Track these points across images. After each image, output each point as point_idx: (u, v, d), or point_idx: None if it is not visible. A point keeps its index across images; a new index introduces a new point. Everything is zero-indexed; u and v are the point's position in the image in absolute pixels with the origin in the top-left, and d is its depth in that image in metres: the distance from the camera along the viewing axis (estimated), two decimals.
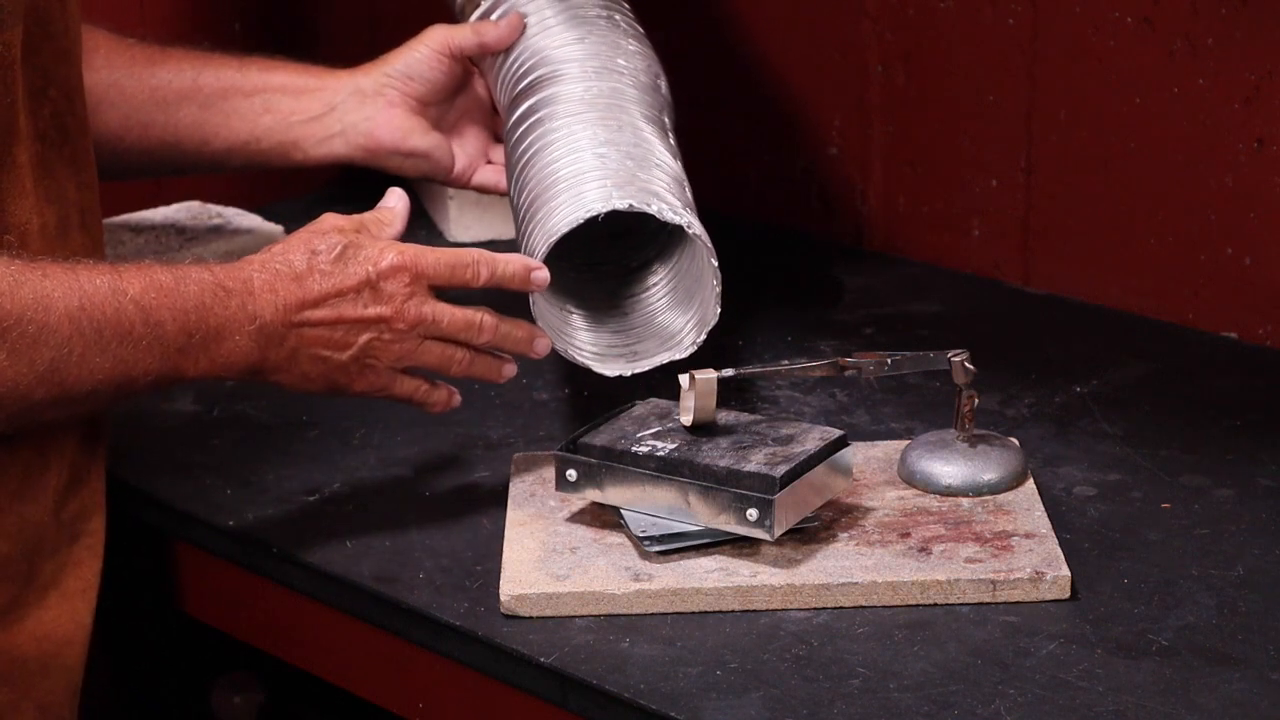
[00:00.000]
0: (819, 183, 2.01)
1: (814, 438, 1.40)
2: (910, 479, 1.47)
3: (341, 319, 1.38)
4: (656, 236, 1.60)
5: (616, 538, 1.41)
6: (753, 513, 1.35)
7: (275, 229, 1.87)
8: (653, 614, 1.34)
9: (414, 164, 1.67)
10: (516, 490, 1.48)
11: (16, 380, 1.27)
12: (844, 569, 1.36)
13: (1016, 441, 1.50)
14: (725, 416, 1.43)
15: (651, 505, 1.39)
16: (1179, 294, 1.78)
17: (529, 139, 1.55)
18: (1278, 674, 1.26)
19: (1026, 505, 1.43)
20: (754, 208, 2.05)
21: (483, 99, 1.70)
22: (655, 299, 1.58)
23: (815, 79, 1.97)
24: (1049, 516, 1.42)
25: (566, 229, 1.44)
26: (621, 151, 1.50)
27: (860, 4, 1.92)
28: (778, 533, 1.35)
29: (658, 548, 1.38)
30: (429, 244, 1.44)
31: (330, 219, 1.42)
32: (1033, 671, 1.27)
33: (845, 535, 1.40)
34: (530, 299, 1.46)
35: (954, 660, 1.28)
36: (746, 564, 1.37)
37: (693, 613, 1.34)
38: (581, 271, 1.59)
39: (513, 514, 1.45)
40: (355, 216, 1.43)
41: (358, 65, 1.68)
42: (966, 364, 1.45)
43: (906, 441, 1.50)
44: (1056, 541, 1.38)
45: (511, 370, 1.45)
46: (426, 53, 1.66)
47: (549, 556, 1.38)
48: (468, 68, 1.69)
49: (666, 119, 1.60)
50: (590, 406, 1.60)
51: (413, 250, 1.40)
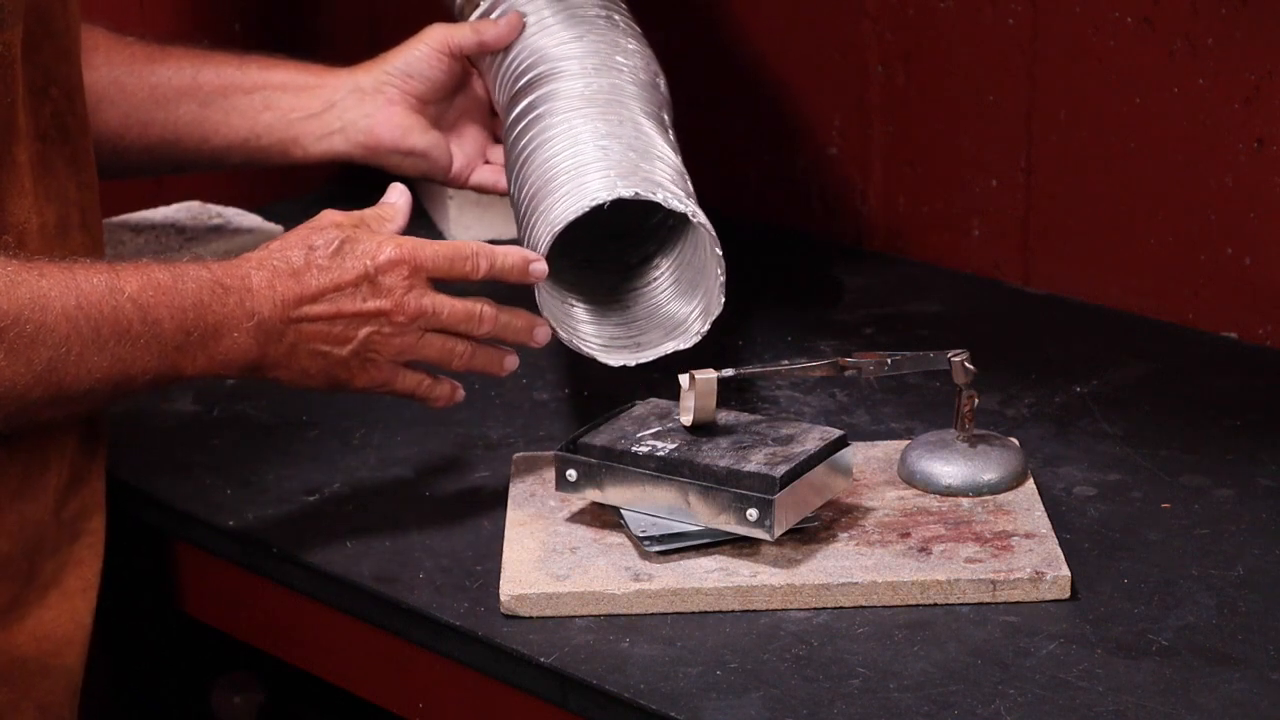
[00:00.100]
0: (819, 183, 2.01)
1: (814, 438, 1.40)
2: (910, 479, 1.47)
3: (340, 314, 1.37)
4: (656, 233, 1.60)
5: (616, 538, 1.41)
6: (753, 513, 1.35)
7: (275, 229, 1.87)
8: (653, 614, 1.34)
9: (412, 163, 1.67)
10: (516, 490, 1.48)
11: (13, 380, 1.27)
12: (844, 569, 1.36)
13: (1016, 441, 1.49)
14: (725, 416, 1.43)
15: (651, 505, 1.38)
16: (1179, 294, 1.78)
17: (529, 135, 1.55)
18: (1278, 674, 1.26)
19: (1026, 505, 1.43)
20: (754, 208, 2.05)
21: (481, 99, 1.70)
22: (659, 290, 1.57)
23: (815, 79, 1.97)
24: (1049, 516, 1.42)
25: (572, 217, 1.44)
26: (623, 144, 1.50)
27: (860, 4, 1.92)
28: (778, 533, 1.35)
29: (658, 548, 1.38)
30: None
31: (329, 215, 1.41)
32: (1033, 671, 1.27)
33: (845, 535, 1.40)
34: (535, 292, 1.46)
35: (954, 660, 1.28)
36: (746, 564, 1.37)
37: (693, 613, 1.34)
38: (582, 268, 1.58)
39: (513, 514, 1.45)
40: (355, 212, 1.42)
41: (357, 64, 1.68)
42: (966, 364, 1.45)
43: (906, 441, 1.50)
44: (1056, 541, 1.38)
45: (513, 362, 1.45)
46: (426, 51, 1.66)
47: (549, 556, 1.38)
48: (467, 67, 1.69)
49: (665, 116, 1.60)
50: (590, 406, 1.60)
51: (411, 243, 1.39)
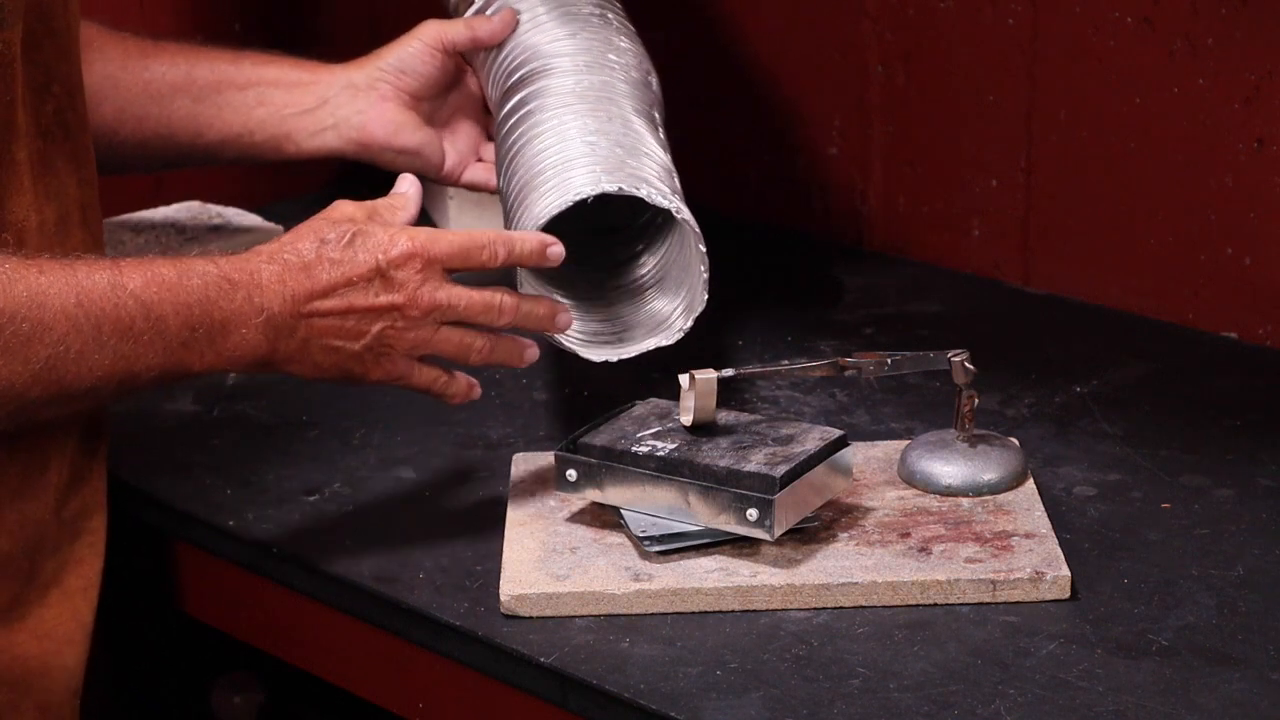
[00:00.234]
0: (819, 183, 2.01)
1: (814, 438, 1.40)
2: (910, 479, 1.47)
3: (352, 308, 1.35)
4: (644, 231, 1.60)
5: (616, 538, 1.40)
6: (753, 513, 1.35)
7: (275, 229, 1.87)
8: (653, 614, 1.34)
9: (405, 160, 1.66)
10: (516, 490, 1.48)
11: (11, 379, 1.26)
12: (844, 569, 1.36)
13: (1016, 441, 1.49)
14: (725, 416, 1.43)
15: (651, 505, 1.38)
16: (1179, 294, 1.78)
17: (518, 131, 1.55)
18: (1278, 674, 1.26)
19: (1026, 505, 1.43)
20: (754, 208, 2.05)
21: (475, 96, 1.70)
22: (644, 287, 1.57)
23: (815, 79, 1.97)
24: (1049, 516, 1.42)
25: (555, 212, 1.44)
26: (611, 140, 1.50)
27: (860, 4, 1.92)
28: (778, 533, 1.35)
29: (658, 548, 1.38)
30: None
31: (341, 206, 1.40)
32: (1033, 671, 1.27)
33: (845, 535, 1.40)
34: (519, 287, 1.45)
35: (954, 660, 1.28)
36: (746, 564, 1.37)
37: (693, 613, 1.34)
38: (568, 265, 1.58)
39: (513, 514, 1.45)
40: (368, 202, 1.40)
41: (351, 61, 1.68)
42: (966, 364, 1.45)
43: (906, 441, 1.50)
44: (1056, 541, 1.38)
45: (534, 354, 1.43)
46: (419, 47, 1.66)
47: (549, 556, 1.38)
48: (461, 64, 1.68)
49: (657, 114, 1.60)
50: (590, 406, 1.60)
51: (425, 235, 1.37)
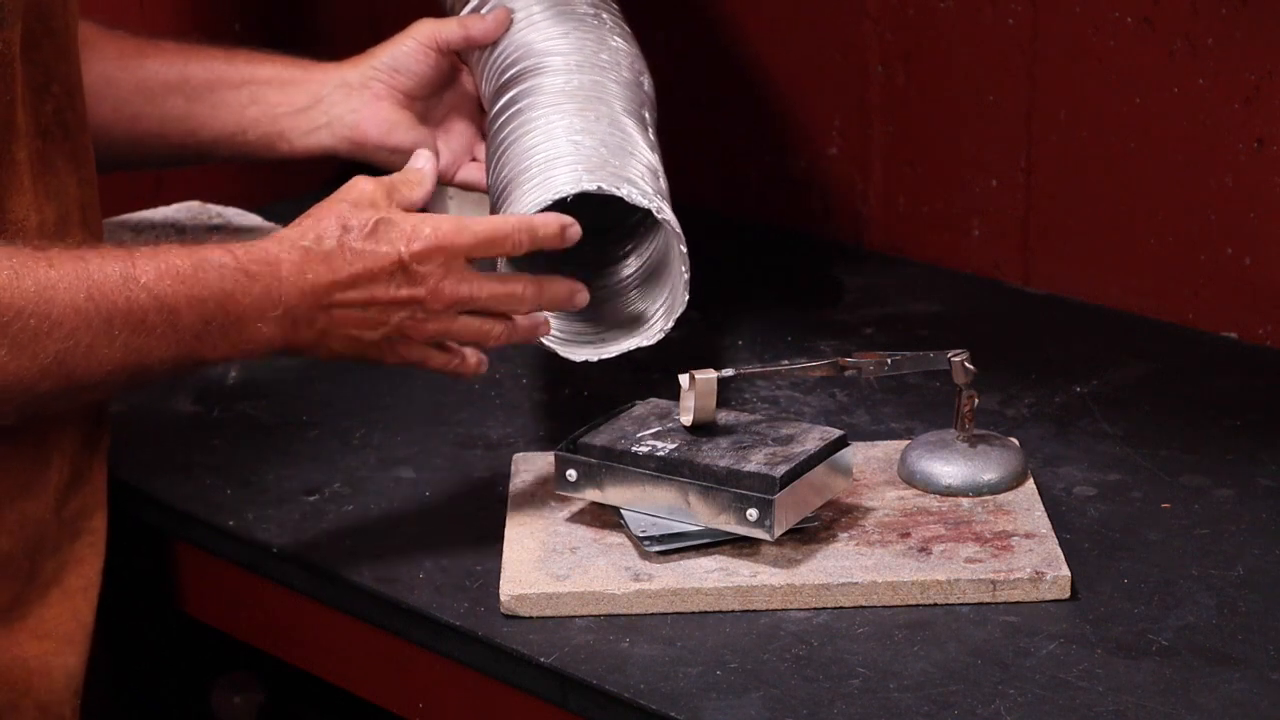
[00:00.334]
0: (819, 183, 2.00)
1: (814, 438, 1.40)
2: (910, 479, 1.47)
3: (373, 300, 1.34)
4: (632, 233, 1.60)
5: (616, 538, 1.40)
6: (753, 513, 1.35)
7: (275, 229, 1.86)
8: (653, 614, 1.34)
9: (399, 158, 1.65)
10: (516, 490, 1.48)
11: (19, 373, 1.26)
12: (844, 569, 1.36)
13: (1016, 441, 1.49)
14: (725, 416, 1.43)
15: (651, 505, 1.38)
16: (1179, 294, 1.78)
17: (507, 129, 1.55)
18: (1278, 674, 1.26)
19: (1026, 505, 1.43)
20: (754, 208, 2.05)
21: (470, 95, 1.69)
22: (626, 288, 1.57)
23: (815, 79, 1.97)
24: (1049, 516, 1.42)
25: (535, 210, 1.43)
26: (596, 139, 1.50)
27: (860, 4, 1.91)
28: (778, 533, 1.35)
29: (658, 548, 1.38)
30: None
31: (360, 184, 1.38)
32: (1033, 671, 1.27)
33: (845, 535, 1.40)
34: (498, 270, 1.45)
35: (954, 660, 1.28)
36: (746, 564, 1.37)
37: (693, 613, 1.34)
38: (552, 265, 1.58)
39: (513, 514, 1.45)
40: (385, 179, 1.39)
41: (345, 59, 1.68)
42: (966, 364, 1.45)
43: (906, 441, 1.50)
44: (1056, 541, 1.38)
45: (547, 328, 1.43)
46: (413, 46, 1.65)
47: (549, 556, 1.38)
48: (455, 63, 1.68)
49: (647, 114, 1.60)
50: (590, 406, 1.59)
51: (449, 226, 1.36)
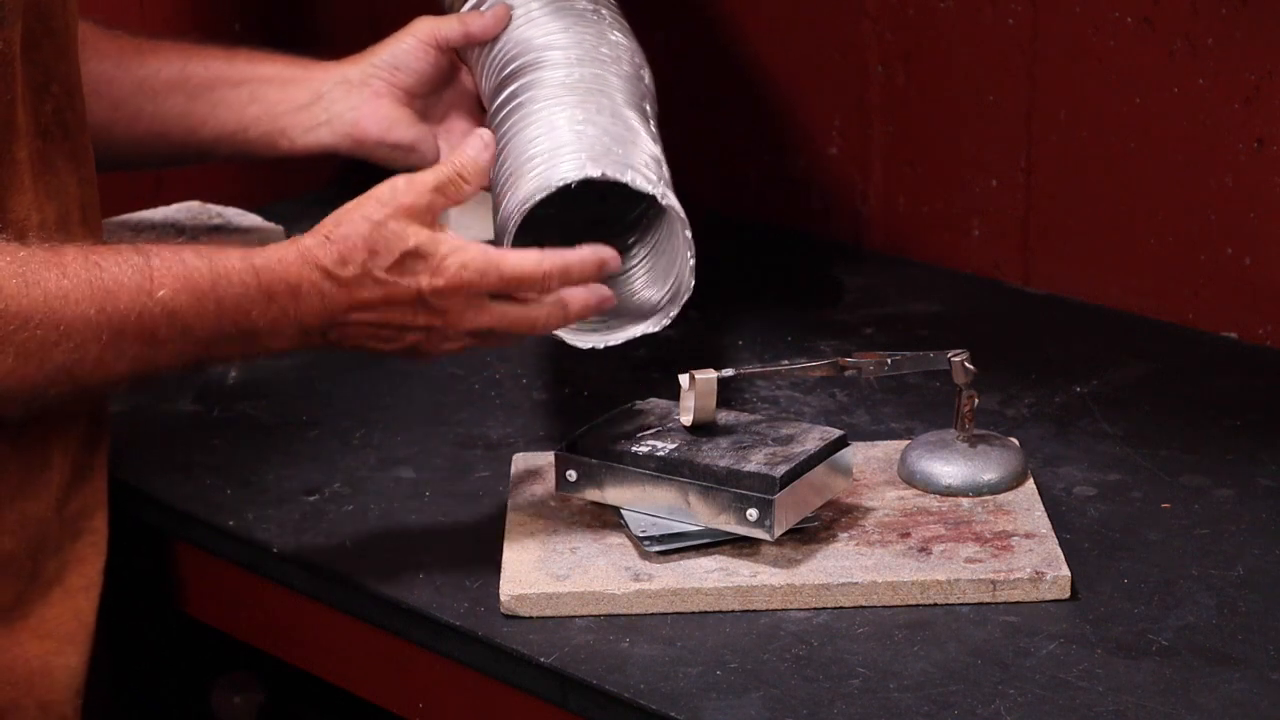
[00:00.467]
0: (819, 183, 2.01)
1: (814, 438, 1.40)
2: (910, 479, 1.47)
3: (389, 323, 1.35)
4: (636, 225, 1.59)
5: (616, 538, 1.40)
6: (753, 513, 1.35)
7: (275, 229, 1.87)
8: (653, 614, 1.34)
9: (400, 155, 1.66)
10: (516, 490, 1.48)
11: (25, 380, 1.26)
12: (844, 569, 1.36)
13: (1016, 441, 1.49)
14: (725, 416, 1.43)
15: (651, 505, 1.38)
16: (1179, 294, 1.78)
17: (509, 122, 1.55)
18: (1278, 674, 1.26)
19: (1026, 505, 1.43)
20: (754, 208, 2.05)
21: (470, 93, 1.69)
22: (632, 277, 1.56)
23: (815, 79, 1.97)
24: (1049, 516, 1.42)
25: (542, 195, 1.42)
26: (599, 129, 1.49)
27: (860, 4, 1.92)
28: (778, 533, 1.35)
29: (658, 548, 1.38)
30: None
31: (400, 195, 1.35)
32: (1033, 671, 1.27)
33: (845, 535, 1.40)
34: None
35: (954, 660, 1.28)
36: (746, 564, 1.37)
37: (693, 613, 1.34)
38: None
39: (513, 514, 1.45)
40: (431, 177, 1.36)
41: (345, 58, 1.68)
42: (966, 364, 1.45)
43: (906, 441, 1.50)
44: (1056, 541, 1.38)
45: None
46: (413, 43, 1.65)
47: (549, 556, 1.38)
48: (455, 61, 1.68)
49: (648, 107, 1.60)
50: (590, 406, 1.60)
51: (477, 265, 1.35)
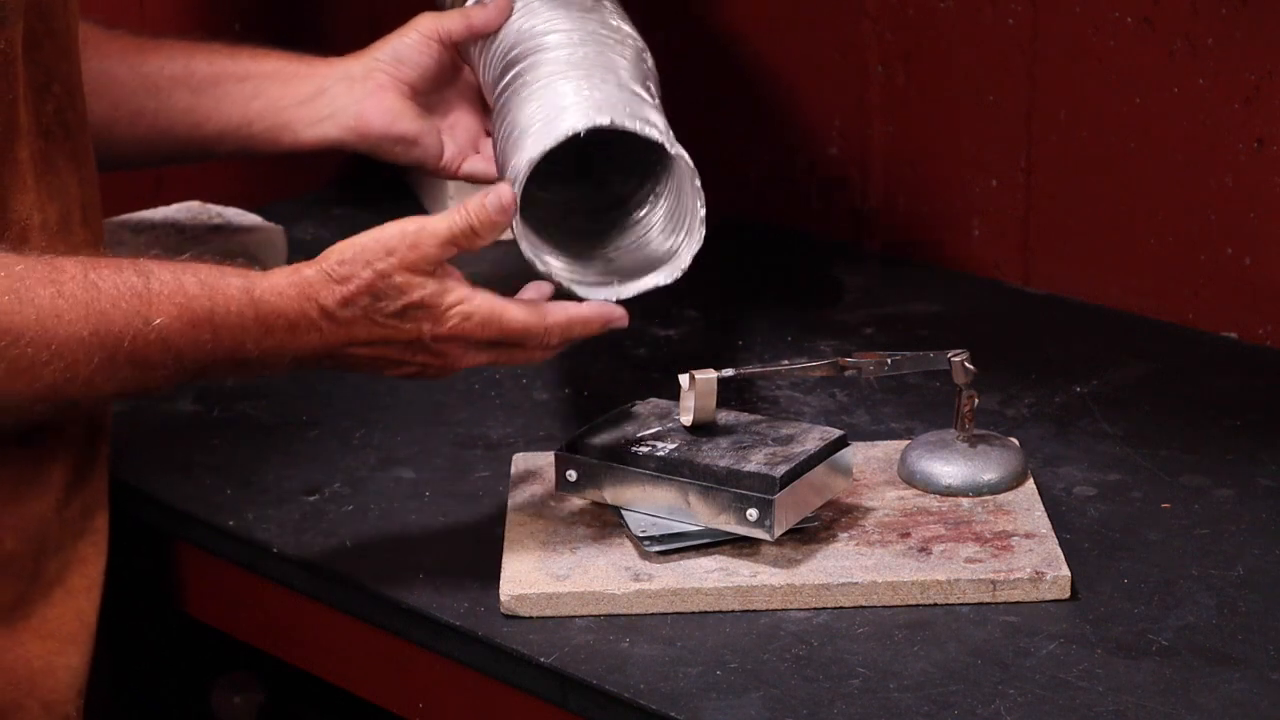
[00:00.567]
0: (819, 183, 2.01)
1: (814, 438, 1.40)
2: (910, 479, 1.47)
3: (385, 358, 1.36)
4: (644, 182, 1.57)
5: (616, 538, 1.40)
6: (753, 513, 1.35)
7: (275, 229, 1.87)
8: (653, 614, 1.34)
9: (403, 149, 1.65)
10: (516, 490, 1.48)
11: (14, 396, 1.27)
12: (844, 569, 1.36)
13: (1016, 441, 1.49)
14: (725, 416, 1.43)
15: (651, 505, 1.38)
16: (1179, 294, 1.78)
17: (514, 99, 1.54)
18: (1278, 674, 1.26)
19: (1026, 505, 1.43)
20: (754, 208, 2.05)
21: (473, 89, 1.69)
22: (641, 231, 1.55)
23: (815, 79, 1.97)
24: (1049, 516, 1.42)
25: (553, 144, 1.41)
26: (604, 94, 1.49)
27: (860, 4, 1.92)
28: (778, 533, 1.35)
29: (658, 548, 1.38)
30: None
31: (409, 252, 1.34)
32: (1033, 671, 1.27)
33: (845, 535, 1.40)
34: (514, 229, 1.42)
35: (954, 660, 1.28)
36: (746, 564, 1.37)
37: (693, 613, 1.34)
38: (564, 212, 1.55)
39: (513, 514, 1.45)
40: (448, 226, 1.35)
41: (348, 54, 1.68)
42: (966, 364, 1.45)
43: (906, 441, 1.50)
44: (1056, 541, 1.38)
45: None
46: (416, 38, 1.66)
47: (549, 556, 1.38)
48: (457, 58, 1.68)
49: (652, 87, 1.59)
50: (590, 406, 1.60)
51: (480, 317, 1.35)
